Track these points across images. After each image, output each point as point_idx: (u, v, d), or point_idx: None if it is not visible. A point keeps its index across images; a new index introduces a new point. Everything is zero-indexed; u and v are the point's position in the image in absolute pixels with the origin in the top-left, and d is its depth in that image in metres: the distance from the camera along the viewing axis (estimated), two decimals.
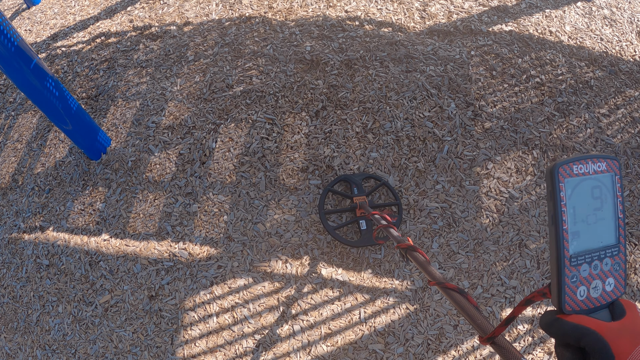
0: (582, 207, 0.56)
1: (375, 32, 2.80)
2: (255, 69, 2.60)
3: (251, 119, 2.41)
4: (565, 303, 0.55)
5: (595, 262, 0.56)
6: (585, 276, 0.56)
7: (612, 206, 0.57)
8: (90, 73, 2.75)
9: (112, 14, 3.10)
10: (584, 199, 0.56)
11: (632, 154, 2.42)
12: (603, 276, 0.57)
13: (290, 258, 2.07)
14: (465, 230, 2.13)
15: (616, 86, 2.70)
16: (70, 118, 2.19)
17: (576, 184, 0.56)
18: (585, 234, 0.56)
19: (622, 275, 0.58)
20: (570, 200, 0.55)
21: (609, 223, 0.57)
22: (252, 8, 2.97)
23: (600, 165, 0.57)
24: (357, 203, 2.08)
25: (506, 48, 2.76)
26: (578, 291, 0.55)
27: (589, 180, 0.56)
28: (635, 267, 2.12)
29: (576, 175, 0.56)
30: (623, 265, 0.58)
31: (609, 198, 0.57)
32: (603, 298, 0.57)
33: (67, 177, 2.37)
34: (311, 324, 1.94)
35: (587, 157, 0.56)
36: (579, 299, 0.55)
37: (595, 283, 0.56)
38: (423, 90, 2.49)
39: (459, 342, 1.91)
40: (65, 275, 2.12)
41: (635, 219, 2.23)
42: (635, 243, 2.17)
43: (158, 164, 2.33)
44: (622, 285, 0.57)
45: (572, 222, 0.55)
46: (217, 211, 2.18)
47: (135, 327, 1.98)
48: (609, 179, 0.57)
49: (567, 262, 0.55)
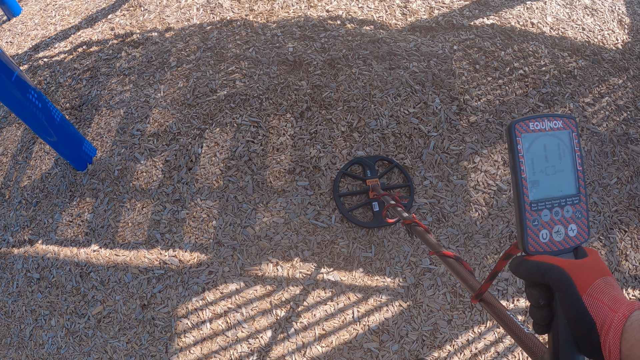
0: (540, 159, 0.62)
1: (357, 30, 2.80)
2: (238, 72, 2.59)
3: (236, 123, 2.40)
4: (529, 244, 0.61)
5: (556, 209, 0.62)
6: (547, 221, 0.61)
7: (571, 160, 0.63)
8: (73, 83, 2.73)
9: (93, 22, 3.08)
10: (542, 152, 0.62)
11: (618, 141, 2.43)
12: (565, 222, 0.62)
13: (281, 260, 2.07)
14: (455, 225, 2.14)
15: (600, 75, 2.72)
16: (55, 129, 2.17)
17: (533, 139, 0.62)
18: (545, 183, 0.62)
19: (584, 223, 0.63)
20: (528, 152, 0.61)
21: (569, 175, 0.63)
22: (233, 11, 2.96)
23: (557, 123, 0.63)
24: (370, 185, 2.12)
25: (488, 41, 2.77)
26: (540, 234, 0.61)
27: (546, 136, 0.62)
28: (627, 253, 2.13)
29: (532, 131, 0.62)
30: (585, 214, 0.63)
31: (567, 153, 0.63)
32: (566, 242, 0.62)
33: (54, 189, 2.36)
34: (305, 326, 1.94)
35: (543, 116, 0.62)
36: (541, 241, 0.61)
37: (557, 228, 0.62)
38: (407, 86, 2.49)
39: (453, 337, 1.92)
40: (57, 288, 2.11)
41: (624, 206, 2.25)
42: (625, 230, 2.19)
43: (144, 172, 2.32)
44: (585, 232, 0.63)
45: (531, 172, 0.61)
46: (206, 217, 2.18)
47: (129, 337, 1.97)
48: (566, 135, 0.63)
49: (527, 207, 0.61)
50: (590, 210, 2.22)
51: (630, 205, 2.26)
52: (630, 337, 0.46)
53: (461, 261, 1.07)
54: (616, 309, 0.49)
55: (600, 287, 0.52)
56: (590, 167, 2.33)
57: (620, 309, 0.48)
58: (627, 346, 0.45)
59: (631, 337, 0.46)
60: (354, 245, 2.09)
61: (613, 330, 0.47)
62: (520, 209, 0.61)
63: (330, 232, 2.12)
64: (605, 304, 0.50)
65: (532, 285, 0.58)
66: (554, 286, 0.55)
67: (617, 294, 0.52)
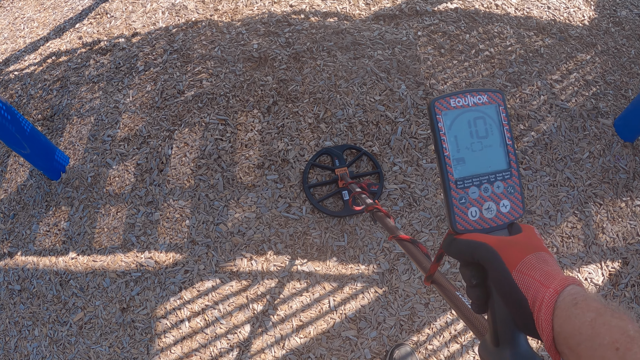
0: (465, 136, 0.60)
1: (321, 23, 2.81)
2: (204, 72, 2.60)
3: (204, 122, 2.42)
4: (457, 223, 0.59)
5: (485, 185, 0.60)
6: (475, 198, 0.60)
7: (499, 134, 0.61)
8: (44, 94, 2.74)
9: (61, 32, 3.09)
10: (466, 129, 0.60)
11: (588, 115, 2.45)
12: (496, 198, 0.61)
13: (255, 255, 2.08)
14: (427, 208, 2.16)
15: (567, 52, 2.74)
16: (26, 141, 2.18)
17: (455, 116, 0.60)
18: (471, 160, 0.60)
19: (518, 198, 0.62)
20: (451, 130, 0.59)
21: (497, 150, 0.61)
22: (198, 12, 2.97)
23: (481, 98, 0.61)
24: (339, 174, 2.13)
25: (453, 25, 2.79)
26: (469, 212, 0.60)
27: (470, 112, 0.60)
28: (603, 226, 2.16)
29: (454, 107, 0.60)
30: (518, 189, 0.62)
31: (495, 128, 0.61)
32: (499, 219, 0.61)
33: (30, 200, 2.37)
34: (282, 318, 1.96)
35: (465, 92, 0.61)
36: (471, 219, 0.60)
37: (488, 204, 0.60)
38: (372, 75, 2.51)
39: (431, 320, 1.94)
40: (38, 298, 2.12)
41: (597, 179, 2.27)
42: (600, 203, 2.21)
43: (117, 177, 2.34)
44: (519, 207, 0.62)
45: (455, 149, 0.59)
46: (179, 216, 2.19)
47: (111, 341, 1.99)
48: (492, 110, 0.61)
49: (452, 185, 0.59)
50: (563, 186, 2.24)
51: (604, 178, 2.28)
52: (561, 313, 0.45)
53: (417, 244, 1.07)
54: (548, 284, 0.48)
55: (532, 262, 0.51)
56: (561, 142, 2.35)
57: (552, 284, 0.47)
58: (559, 322, 0.45)
59: (563, 313, 0.45)
60: (326, 235, 2.11)
61: (545, 306, 0.46)
62: (446, 187, 0.59)
63: (302, 223, 2.14)
64: (536, 280, 0.49)
65: (465, 265, 0.58)
66: (483, 264, 0.54)
67: (550, 269, 0.50)
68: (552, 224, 2.15)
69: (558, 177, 2.26)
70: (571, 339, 0.42)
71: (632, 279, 2.04)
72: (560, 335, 0.44)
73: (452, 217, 0.60)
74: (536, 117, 2.44)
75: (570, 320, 0.43)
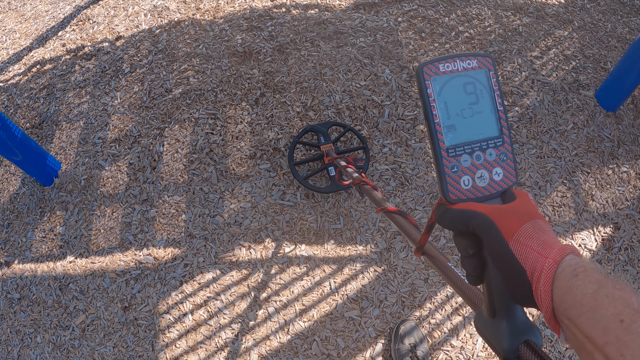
0: (455, 102, 0.58)
1: (303, 15, 2.85)
2: (191, 70, 2.62)
3: (194, 118, 2.43)
4: (449, 192, 0.57)
5: (477, 153, 0.58)
6: (467, 166, 0.58)
7: (490, 100, 0.59)
8: (31, 103, 2.74)
9: (44, 41, 3.09)
10: (456, 95, 0.58)
11: (570, 88, 2.50)
12: (488, 166, 0.59)
13: (253, 243, 2.10)
14: (419, 187, 2.19)
15: (545, 29, 2.80)
16: (17, 147, 2.18)
17: (445, 81, 0.57)
18: (462, 127, 0.58)
19: (511, 165, 0.60)
20: (440, 96, 0.57)
21: (488, 116, 0.59)
22: (180, 12, 2.99)
23: (471, 63, 0.58)
24: (324, 151, 2.15)
25: (432, 10, 2.83)
26: (462, 180, 0.58)
27: (459, 77, 0.58)
28: (592, 193, 2.20)
29: (443, 73, 0.57)
30: (511, 156, 0.60)
31: (485, 93, 0.59)
32: (492, 187, 0.59)
33: (24, 208, 2.37)
34: (285, 304, 1.98)
35: (454, 56, 0.58)
36: (463, 188, 0.58)
37: (481, 173, 0.58)
38: (356, 61, 2.54)
39: (432, 294, 1.97)
40: (38, 304, 2.12)
41: (583, 149, 2.32)
42: (587, 171, 2.25)
43: (110, 178, 2.34)
44: (512, 175, 0.60)
45: (445, 116, 0.57)
46: (175, 212, 2.20)
47: (115, 341, 1.99)
48: (482, 74, 0.59)
49: (444, 154, 0.57)
50: (550, 157, 2.28)
51: (590, 147, 2.33)
52: (561, 284, 0.44)
53: (405, 216, 1.06)
54: (546, 254, 0.46)
55: (529, 231, 0.49)
56: (545, 116, 2.40)
57: (551, 254, 0.46)
58: (559, 294, 0.44)
59: (563, 284, 0.43)
60: (322, 219, 2.13)
61: (544, 277, 0.45)
62: (437, 156, 0.57)
63: (297, 209, 2.16)
64: (534, 250, 0.47)
65: (459, 235, 0.55)
66: (479, 234, 0.52)
67: (547, 237, 0.49)
68: (542, 194, 2.19)
69: (545, 149, 2.30)
70: (571, 310, 0.42)
71: (625, 243, 2.08)
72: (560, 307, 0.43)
73: (444, 187, 0.58)
74: (519, 92, 2.49)
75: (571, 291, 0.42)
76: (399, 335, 1.84)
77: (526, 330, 0.52)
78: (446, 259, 0.82)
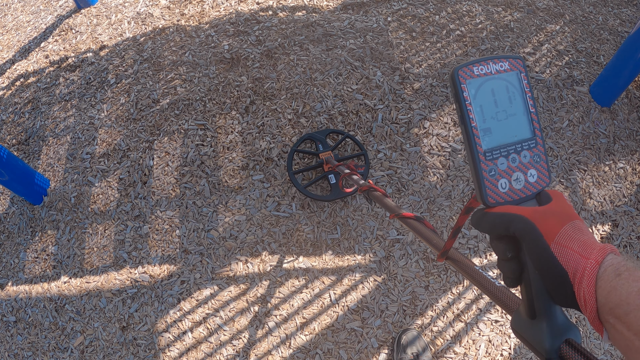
0: (489, 105, 0.58)
1: (290, 17, 2.79)
2: (178, 79, 2.57)
3: (183, 129, 2.39)
4: (488, 196, 0.58)
5: (513, 155, 0.59)
6: (504, 169, 0.58)
7: (522, 102, 0.60)
8: (16, 118, 2.68)
9: (27, 53, 3.02)
10: (490, 98, 0.58)
11: (564, 85, 2.48)
12: (523, 168, 0.59)
13: (250, 257, 2.07)
14: (416, 192, 2.16)
15: (536, 24, 2.76)
16: (3, 167, 2.13)
17: (480, 84, 0.58)
18: (497, 130, 0.58)
19: (544, 167, 0.60)
20: (476, 99, 0.58)
21: (522, 118, 0.60)
22: (164, 19, 2.92)
23: (503, 65, 0.59)
24: (323, 159, 2.12)
25: (421, 8, 2.79)
26: (499, 184, 0.58)
27: (493, 79, 0.59)
28: (590, 191, 2.18)
29: (477, 76, 0.58)
30: (544, 157, 0.60)
31: (517, 95, 0.59)
32: (527, 189, 0.59)
33: (14, 229, 2.32)
34: (285, 317, 1.95)
35: (487, 59, 0.59)
36: (501, 191, 0.58)
37: (517, 175, 0.59)
38: (347, 64, 2.50)
39: (433, 302, 1.95)
40: (35, 327, 2.08)
41: (579, 146, 2.30)
42: (584, 169, 2.23)
43: (101, 194, 2.30)
44: (546, 176, 0.60)
45: (481, 120, 0.58)
46: (168, 227, 2.16)
47: None
48: (514, 77, 0.59)
49: (482, 157, 0.57)
50: (547, 156, 2.26)
51: (586, 144, 2.31)
52: (605, 285, 0.44)
53: (422, 221, 1.04)
54: (587, 255, 0.47)
55: (569, 233, 0.49)
56: (540, 113, 2.38)
57: (592, 255, 0.46)
58: (603, 294, 0.44)
59: (606, 284, 0.44)
60: (319, 229, 2.10)
61: (586, 278, 0.45)
62: (475, 160, 0.58)
63: (293, 220, 2.13)
64: (575, 251, 0.48)
65: (497, 238, 0.56)
66: (520, 237, 0.52)
67: (587, 238, 0.49)
68: None
69: None
70: (618, 309, 0.42)
71: (624, 240, 2.07)
72: (605, 306, 0.44)
73: (482, 191, 0.58)
74: None
75: (615, 290, 0.43)
76: (401, 345, 1.82)
77: (566, 330, 0.53)
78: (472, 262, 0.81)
